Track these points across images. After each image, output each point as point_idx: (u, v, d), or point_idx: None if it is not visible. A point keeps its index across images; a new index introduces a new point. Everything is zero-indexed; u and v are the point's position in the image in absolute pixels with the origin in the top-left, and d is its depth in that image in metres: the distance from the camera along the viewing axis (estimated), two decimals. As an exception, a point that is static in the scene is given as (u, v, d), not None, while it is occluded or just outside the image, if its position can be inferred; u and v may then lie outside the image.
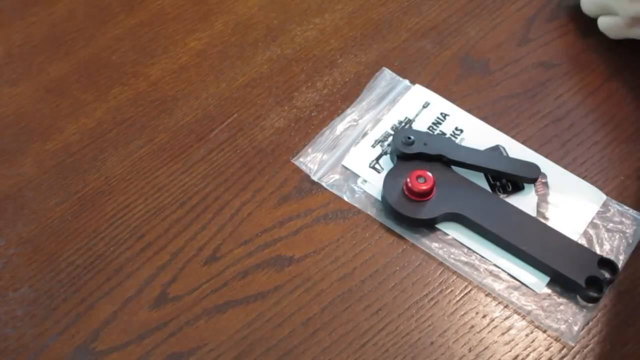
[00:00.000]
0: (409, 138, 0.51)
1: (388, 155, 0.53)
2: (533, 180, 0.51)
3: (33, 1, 0.66)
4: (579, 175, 0.53)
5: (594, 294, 0.45)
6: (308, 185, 0.53)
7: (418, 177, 0.49)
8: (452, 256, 0.49)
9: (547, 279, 0.47)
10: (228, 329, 0.47)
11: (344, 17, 0.63)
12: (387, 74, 0.59)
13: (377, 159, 0.53)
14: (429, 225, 0.50)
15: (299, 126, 0.56)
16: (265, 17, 0.64)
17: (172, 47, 0.62)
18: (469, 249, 0.49)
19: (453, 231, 0.50)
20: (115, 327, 0.47)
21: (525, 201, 0.51)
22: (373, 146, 0.54)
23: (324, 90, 0.58)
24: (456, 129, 0.55)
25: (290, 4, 0.65)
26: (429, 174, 0.49)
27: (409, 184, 0.49)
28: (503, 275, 0.48)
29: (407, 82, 0.58)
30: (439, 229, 0.50)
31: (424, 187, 0.49)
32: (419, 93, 0.57)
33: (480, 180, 0.51)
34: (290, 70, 0.60)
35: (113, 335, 0.47)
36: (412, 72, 0.59)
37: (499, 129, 0.55)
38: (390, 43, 0.61)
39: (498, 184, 0.51)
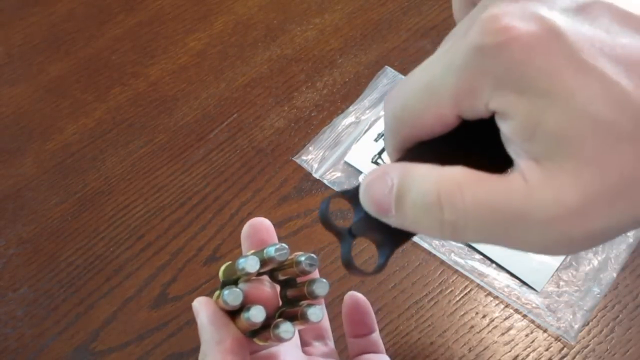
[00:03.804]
0: None
1: None
2: None
3: (33, 1, 0.66)
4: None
5: None
6: (308, 185, 0.53)
7: None
8: (452, 256, 0.49)
9: (548, 277, 0.47)
10: (228, 329, 0.47)
11: (344, 17, 0.63)
12: (389, 72, 0.59)
13: (380, 153, 0.54)
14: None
15: (299, 126, 0.56)
16: (265, 17, 0.64)
17: (172, 47, 0.62)
18: (470, 247, 0.49)
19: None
20: (115, 327, 0.47)
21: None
22: (376, 140, 0.54)
23: (324, 90, 0.58)
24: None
25: (290, 4, 0.65)
26: None
27: None
28: (503, 274, 0.48)
29: (407, 81, 0.58)
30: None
31: None
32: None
33: None
34: (290, 70, 0.60)
35: (113, 336, 0.47)
36: (412, 72, 0.59)
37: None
38: (390, 43, 0.61)
39: None
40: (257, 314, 0.30)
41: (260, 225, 0.35)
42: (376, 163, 0.53)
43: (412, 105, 0.23)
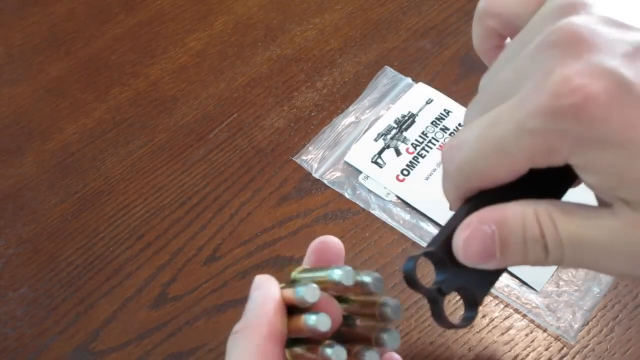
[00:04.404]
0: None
1: (391, 149, 0.54)
2: None
3: (33, 1, 0.66)
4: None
5: None
6: (308, 185, 0.53)
7: None
8: (452, 256, 0.49)
9: (548, 277, 0.47)
10: (228, 329, 0.46)
11: (344, 17, 0.63)
12: (389, 72, 0.59)
13: (380, 153, 0.54)
14: None
15: (299, 126, 0.56)
16: (265, 17, 0.64)
17: (172, 47, 0.62)
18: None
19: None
20: (115, 327, 0.47)
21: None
22: (376, 140, 0.54)
23: (324, 90, 0.58)
24: (460, 125, 0.55)
25: (290, 4, 0.65)
26: None
27: None
28: (503, 273, 0.48)
29: (409, 80, 0.58)
30: (440, 225, 0.50)
31: None
32: (423, 90, 0.57)
33: None
34: (290, 70, 0.60)
35: (113, 336, 0.47)
36: (412, 72, 0.59)
37: (499, 129, 0.55)
38: (390, 43, 0.61)
39: None
40: (325, 322, 0.27)
41: (334, 247, 0.33)
42: (376, 163, 0.53)
43: (484, 164, 0.23)
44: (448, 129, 0.55)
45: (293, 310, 0.29)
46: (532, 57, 0.23)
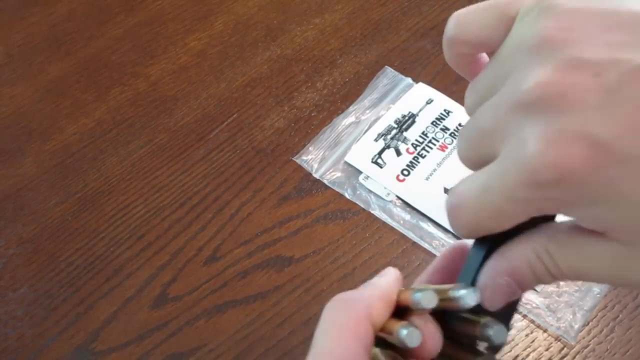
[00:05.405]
0: None
1: (391, 149, 0.54)
2: None
3: (33, 1, 0.66)
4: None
5: None
6: (308, 185, 0.53)
7: None
8: (452, 256, 0.49)
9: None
10: (228, 329, 0.47)
11: (344, 17, 0.63)
12: (389, 72, 0.59)
13: (380, 153, 0.54)
14: None
15: (299, 126, 0.56)
16: (265, 17, 0.64)
17: (172, 47, 0.62)
18: (469, 249, 0.49)
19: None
20: (115, 327, 0.47)
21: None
22: (376, 140, 0.54)
23: (324, 90, 0.58)
24: (460, 124, 0.55)
25: (290, 4, 0.65)
26: None
27: None
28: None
29: (409, 80, 0.58)
30: (440, 225, 0.50)
31: None
32: (423, 90, 0.57)
33: None
34: (290, 70, 0.60)
35: (113, 336, 0.47)
36: (412, 72, 0.59)
37: (499, 128, 0.55)
38: (390, 43, 0.61)
39: None
40: (414, 338, 0.26)
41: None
42: (376, 163, 0.53)
43: (487, 224, 0.25)
44: (448, 129, 0.55)
45: (399, 313, 0.29)
46: (507, 112, 0.24)
